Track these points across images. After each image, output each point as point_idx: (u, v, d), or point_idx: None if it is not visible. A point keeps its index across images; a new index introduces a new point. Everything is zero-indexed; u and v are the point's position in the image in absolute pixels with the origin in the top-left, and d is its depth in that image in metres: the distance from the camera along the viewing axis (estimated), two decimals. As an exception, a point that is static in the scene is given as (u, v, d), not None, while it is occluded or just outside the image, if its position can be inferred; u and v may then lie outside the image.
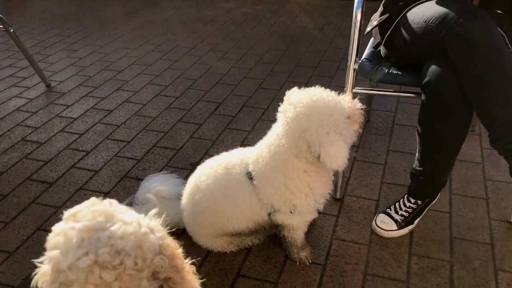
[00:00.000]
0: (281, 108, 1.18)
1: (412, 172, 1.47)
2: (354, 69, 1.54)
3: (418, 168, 1.44)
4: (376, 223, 1.52)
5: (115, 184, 1.83)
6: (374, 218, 1.55)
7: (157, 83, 2.72)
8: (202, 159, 1.95)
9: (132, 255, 0.66)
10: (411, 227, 1.51)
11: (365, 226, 1.57)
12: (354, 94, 1.53)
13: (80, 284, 0.64)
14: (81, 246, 0.65)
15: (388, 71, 1.48)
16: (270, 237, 1.51)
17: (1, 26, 2.45)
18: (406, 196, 1.53)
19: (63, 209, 0.74)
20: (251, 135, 2.13)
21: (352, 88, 1.57)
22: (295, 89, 1.18)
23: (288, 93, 1.18)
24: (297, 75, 2.75)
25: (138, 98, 2.54)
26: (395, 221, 1.50)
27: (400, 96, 1.72)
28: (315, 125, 1.10)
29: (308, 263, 1.42)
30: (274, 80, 2.70)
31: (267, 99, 2.47)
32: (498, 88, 1.21)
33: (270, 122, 1.27)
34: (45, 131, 2.23)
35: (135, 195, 1.57)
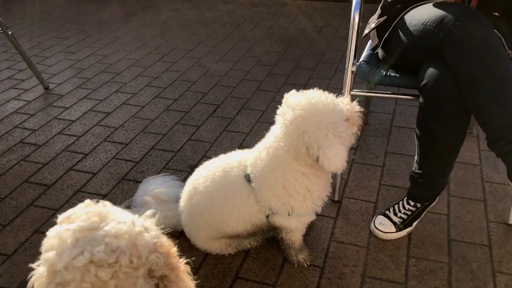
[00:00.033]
0: (280, 110, 1.19)
1: (412, 175, 1.48)
2: (352, 72, 1.55)
3: (418, 171, 1.44)
4: (374, 225, 1.52)
5: (113, 186, 1.82)
6: (373, 220, 1.55)
7: (156, 85, 2.72)
8: (200, 161, 1.95)
9: (127, 253, 0.67)
10: (409, 229, 1.51)
11: (363, 228, 1.57)
12: (352, 97, 1.53)
13: (77, 283, 0.64)
14: (76, 246, 0.66)
15: (386, 74, 1.48)
16: (268, 239, 1.51)
17: (-1, 29, 2.46)
18: (405, 199, 1.53)
19: (61, 211, 0.74)
20: (249, 137, 2.13)
21: (350, 90, 1.57)
22: (294, 92, 1.19)
23: (287, 96, 1.19)
24: (295, 77, 2.75)
25: (136, 100, 2.54)
26: (394, 223, 1.50)
27: (398, 98, 1.72)
28: (313, 128, 1.10)
29: (306, 266, 1.42)
30: (272, 82, 2.70)
31: (265, 101, 2.47)
32: (495, 90, 1.21)
33: (269, 124, 1.27)
34: (43, 133, 2.23)
35: (133, 198, 1.57)
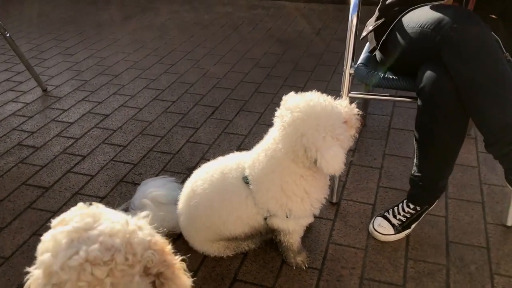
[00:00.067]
0: (278, 112, 1.19)
1: (411, 178, 1.48)
2: (350, 74, 1.55)
3: (417, 174, 1.44)
4: (373, 227, 1.52)
5: (112, 188, 1.82)
6: (372, 221, 1.55)
7: (154, 87, 2.72)
8: (198, 163, 1.95)
9: (122, 251, 0.67)
10: (407, 231, 1.51)
11: (362, 230, 1.57)
12: (350, 99, 1.54)
13: (73, 283, 0.64)
14: (71, 246, 0.66)
15: (384, 76, 1.48)
16: (267, 241, 1.51)
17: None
18: (405, 202, 1.52)
19: (59, 214, 0.74)
20: (248, 139, 2.13)
21: (348, 92, 1.57)
22: (292, 94, 1.19)
23: (285, 98, 1.19)
24: (293, 79, 2.76)
25: (134, 103, 2.54)
26: (393, 225, 1.50)
27: (396, 100, 1.73)
28: (311, 130, 1.10)
29: (304, 268, 1.42)
30: (270, 84, 2.70)
31: (263, 103, 2.48)
32: (492, 93, 1.21)
33: (267, 126, 1.27)
34: (41, 136, 2.22)
35: (131, 200, 1.56)
